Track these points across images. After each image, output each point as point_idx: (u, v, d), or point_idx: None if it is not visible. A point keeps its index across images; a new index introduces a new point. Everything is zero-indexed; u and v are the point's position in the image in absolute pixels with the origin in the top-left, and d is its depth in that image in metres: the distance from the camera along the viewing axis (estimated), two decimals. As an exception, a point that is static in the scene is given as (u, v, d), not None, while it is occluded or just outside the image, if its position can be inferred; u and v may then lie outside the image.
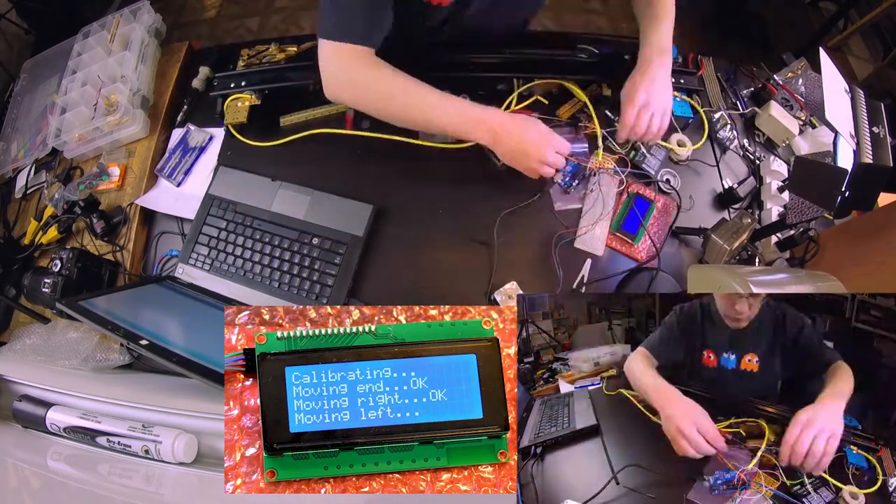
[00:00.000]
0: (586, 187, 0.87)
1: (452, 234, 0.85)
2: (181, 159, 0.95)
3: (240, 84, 0.93)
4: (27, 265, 0.91)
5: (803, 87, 1.01)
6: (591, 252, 0.84)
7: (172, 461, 0.62)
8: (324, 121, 0.95)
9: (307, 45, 0.99)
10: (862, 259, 0.78)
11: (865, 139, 0.72)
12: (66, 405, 0.68)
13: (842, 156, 0.74)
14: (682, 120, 0.93)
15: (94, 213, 0.89)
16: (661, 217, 0.87)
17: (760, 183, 0.92)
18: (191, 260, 0.88)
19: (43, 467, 0.66)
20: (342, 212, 0.86)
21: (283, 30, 2.23)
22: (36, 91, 1.11)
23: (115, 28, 1.04)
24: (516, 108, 0.92)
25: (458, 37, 0.90)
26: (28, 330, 0.85)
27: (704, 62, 0.98)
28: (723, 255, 0.79)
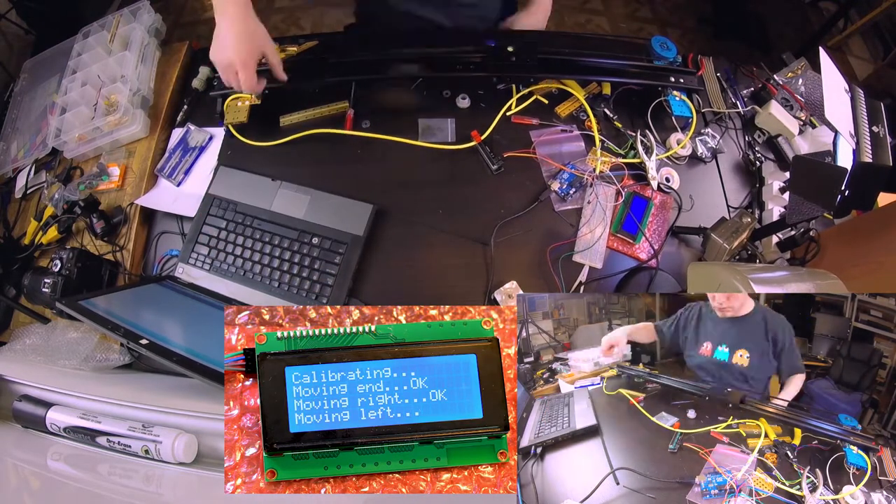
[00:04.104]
0: (584, 196, 0.87)
1: (452, 235, 0.85)
2: (181, 159, 0.95)
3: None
4: (27, 265, 0.91)
5: (803, 87, 1.01)
6: (591, 265, 0.84)
7: (172, 461, 0.62)
8: (324, 121, 0.95)
9: (307, 45, 0.99)
10: (862, 259, 0.78)
11: (865, 139, 0.72)
12: (66, 405, 0.68)
13: (841, 155, 0.74)
14: (682, 120, 0.93)
15: (94, 213, 0.89)
16: (659, 215, 0.87)
17: (761, 183, 0.92)
18: (191, 260, 0.88)
19: (43, 467, 0.66)
20: (342, 212, 0.86)
21: (283, 30, 2.23)
22: (36, 91, 1.11)
23: (115, 28, 1.04)
24: (517, 108, 0.93)
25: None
26: (28, 330, 0.85)
27: (704, 62, 0.98)
28: (723, 255, 0.79)
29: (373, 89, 0.97)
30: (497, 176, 0.89)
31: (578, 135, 0.91)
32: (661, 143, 0.92)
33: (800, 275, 0.73)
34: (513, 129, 0.92)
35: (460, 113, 0.94)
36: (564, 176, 0.87)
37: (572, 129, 0.92)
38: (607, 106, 0.94)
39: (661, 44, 0.94)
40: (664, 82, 0.93)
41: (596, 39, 1.36)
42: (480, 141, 0.89)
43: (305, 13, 2.25)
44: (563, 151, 0.91)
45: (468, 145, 0.89)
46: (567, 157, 0.89)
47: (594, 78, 0.95)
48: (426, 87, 0.96)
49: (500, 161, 0.89)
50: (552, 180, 0.87)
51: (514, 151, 0.89)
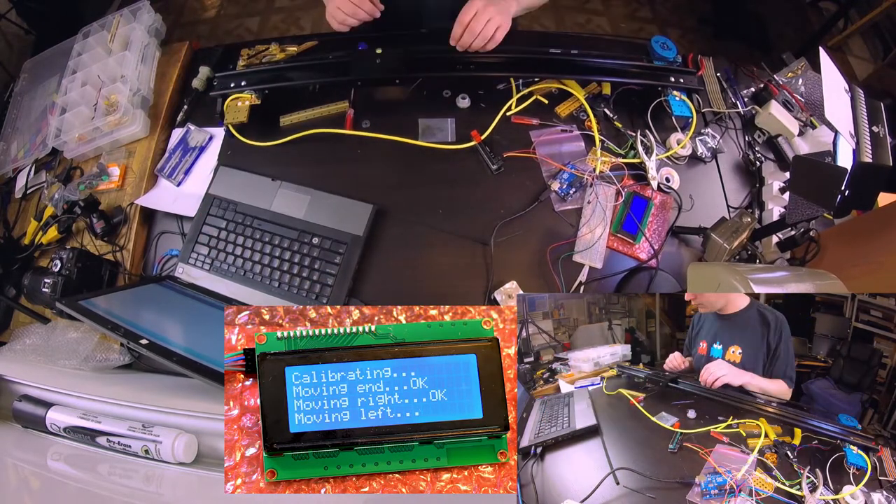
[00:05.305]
0: (584, 196, 0.87)
1: (452, 234, 0.85)
2: (181, 159, 0.95)
3: (240, 84, 0.93)
4: (27, 265, 0.91)
5: (803, 87, 1.01)
6: (591, 265, 0.84)
7: (172, 461, 0.62)
8: (324, 121, 0.95)
9: (307, 45, 0.99)
10: (862, 259, 0.78)
11: (865, 139, 0.72)
12: (66, 405, 0.68)
13: (841, 155, 0.74)
14: (682, 120, 0.93)
15: (94, 213, 0.89)
16: (659, 215, 0.87)
17: (762, 183, 0.92)
18: (191, 260, 0.88)
19: (43, 467, 0.66)
20: (342, 212, 0.86)
21: (283, 30, 2.23)
22: (36, 91, 1.11)
23: (115, 28, 1.04)
24: (517, 108, 0.93)
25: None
26: (28, 330, 0.85)
27: (704, 62, 0.98)
28: (723, 255, 0.79)
29: (373, 89, 0.97)
30: (497, 176, 0.89)
31: (578, 135, 0.91)
32: (661, 143, 0.92)
33: (800, 275, 0.73)
34: (513, 129, 0.92)
35: (460, 113, 0.94)
36: (564, 176, 0.87)
37: (572, 129, 0.92)
38: (607, 106, 0.94)
39: (661, 44, 0.94)
40: (664, 82, 0.93)
41: (596, 39, 1.36)
42: (480, 141, 0.89)
43: (305, 13, 2.25)
44: (563, 151, 0.91)
45: (468, 145, 0.89)
46: (567, 157, 0.89)
47: (594, 78, 0.95)
48: (426, 87, 0.96)
49: (500, 161, 0.89)
50: (552, 180, 0.87)
51: (514, 151, 0.89)
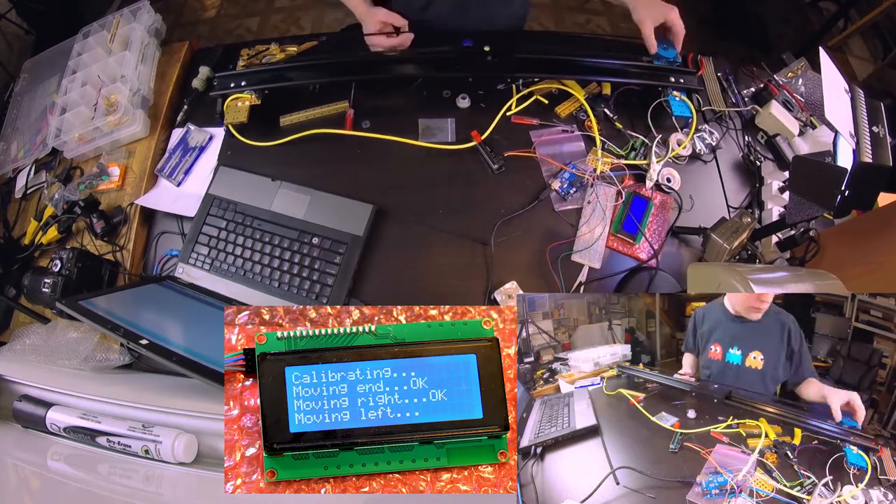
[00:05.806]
0: (584, 196, 0.87)
1: (452, 234, 0.85)
2: (181, 159, 0.95)
3: (240, 84, 0.93)
4: (27, 265, 0.91)
5: (803, 87, 1.01)
6: (590, 265, 0.83)
7: (172, 461, 0.62)
8: (324, 121, 0.94)
9: (307, 45, 0.99)
10: (862, 259, 0.78)
11: (865, 139, 0.72)
12: (66, 405, 0.68)
13: (841, 155, 0.74)
14: (682, 120, 0.93)
15: (94, 213, 0.89)
16: (659, 215, 0.87)
17: (761, 183, 0.92)
18: (191, 260, 0.88)
19: (43, 467, 0.66)
20: (342, 212, 0.86)
21: (283, 30, 2.23)
22: (36, 91, 1.11)
23: (115, 28, 1.04)
24: (517, 108, 0.93)
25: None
26: (28, 330, 0.85)
27: (704, 62, 0.98)
28: (723, 255, 0.79)
29: (373, 89, 0.97)
30: (497, 176, 0.89)
31: (578, 135, 0.91)
32: (662, 143, 0.91)
33: (800, 275, 0.73)
34: (513, 129, 0.92)
35: (460, 113, 0.94)
36: (565, 175, 0.86)
37: (572, 130, 0.92)
38: (607, 106, 0.94)
39: (661, 44, 0.94)
40: (664, 82, 0.93)
41: (596, 39, 1.36)
42: (480, 141, 0.89)
43: (305, 13, 2.25)
44: (563, 151, 0.91)
45: (468, 145, 0.89)
46: (567, 157, 0.89)
47: (594, 78, 0.95)
48: (426, 87, 0.96)
49: (500, 161, 0.89)
50: (553, 179, 0.87)
51: (515, 151, 0.89)
